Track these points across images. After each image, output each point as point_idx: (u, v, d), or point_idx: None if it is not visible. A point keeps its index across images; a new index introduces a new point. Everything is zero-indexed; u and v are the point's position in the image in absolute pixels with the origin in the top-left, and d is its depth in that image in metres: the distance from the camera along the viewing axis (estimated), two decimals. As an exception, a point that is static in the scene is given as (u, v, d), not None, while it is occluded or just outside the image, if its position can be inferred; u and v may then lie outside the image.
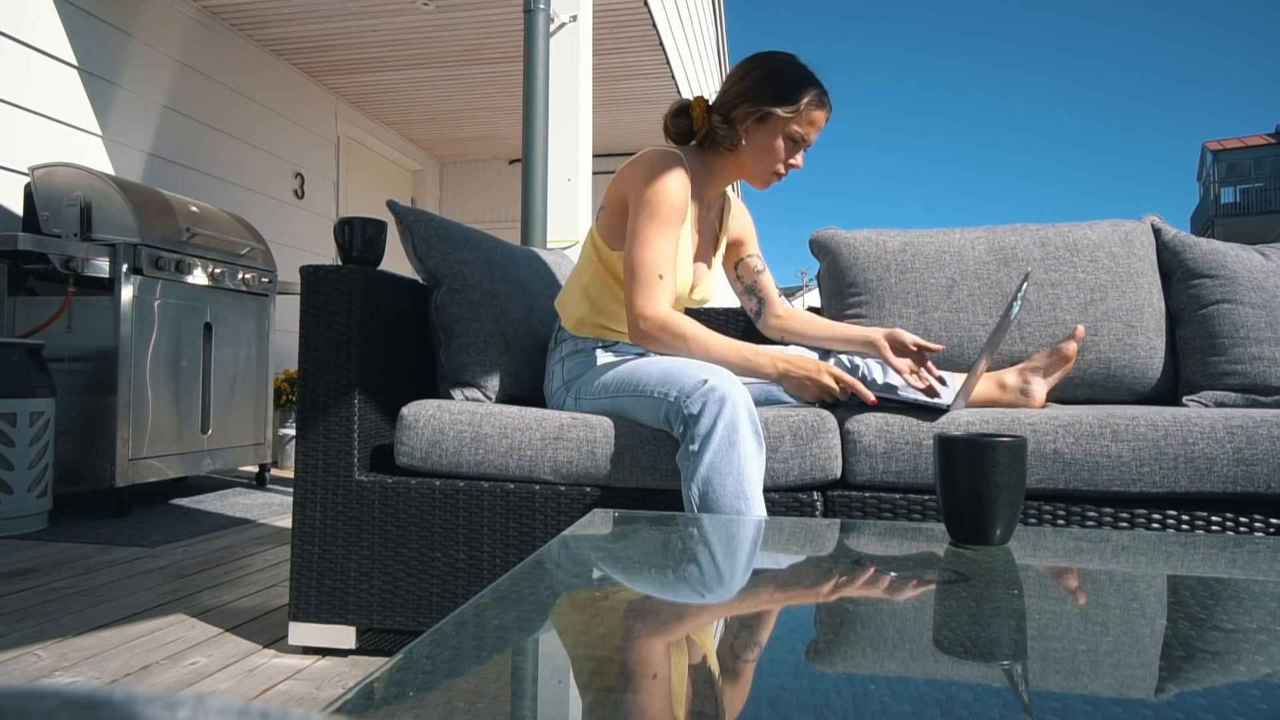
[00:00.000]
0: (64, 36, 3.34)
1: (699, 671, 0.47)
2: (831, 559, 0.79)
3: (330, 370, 1.50)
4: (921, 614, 0.58)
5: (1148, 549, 0.83)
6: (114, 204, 2.90)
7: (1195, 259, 1.86)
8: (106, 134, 3.56)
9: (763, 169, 1.53)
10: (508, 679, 0.46)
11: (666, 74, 5.16)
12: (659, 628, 0.55)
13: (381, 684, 0.42)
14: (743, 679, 0.45)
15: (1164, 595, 0.65)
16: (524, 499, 1.43)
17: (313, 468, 1.50)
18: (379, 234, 1.60)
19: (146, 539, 2.49)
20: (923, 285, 1.93)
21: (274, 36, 4.53)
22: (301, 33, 4.49)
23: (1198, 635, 0.52)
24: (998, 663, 0.47)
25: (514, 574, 0.65)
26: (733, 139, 1.53)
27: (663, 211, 1.45)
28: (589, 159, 3.34)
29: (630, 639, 0.52)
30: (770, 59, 1.52)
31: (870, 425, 1.39)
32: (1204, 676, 0.45)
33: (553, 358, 1.66)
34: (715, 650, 0.51)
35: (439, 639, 0.49)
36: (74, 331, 2.90)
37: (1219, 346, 1.77)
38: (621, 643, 0.51)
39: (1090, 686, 0.43)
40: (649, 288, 1.44)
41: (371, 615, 1.47)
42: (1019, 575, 0.70)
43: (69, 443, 2.85)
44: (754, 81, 1.50)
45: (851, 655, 0.49)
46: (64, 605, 1.81)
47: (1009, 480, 0.79)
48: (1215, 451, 1.29)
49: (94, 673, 1.41)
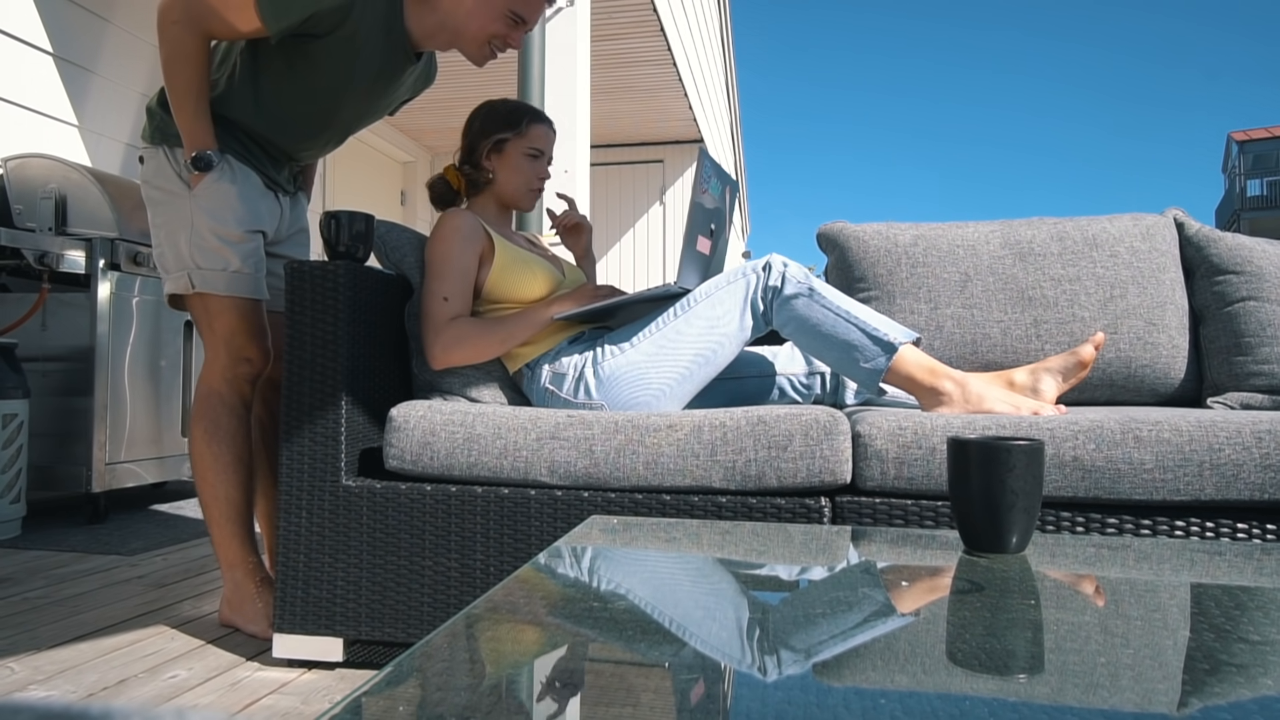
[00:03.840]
0: (38, 22, 3.33)
1: (702, 686, 0.47)
2: (841, 568, 0.79)
3: (316, 370, 1.50)
4: (934, 625, 0.58)
5: (1170, 557, 0.83)
6: (90, 196, 2.90)
7: (1220, 254, 1.86)
8: (83, 124, 3.55)
9: (518, 188, 1.83)
10: (501, 694, 0.46)
11: (668, 60, 5.16)
12: (660, 641, 0.55)
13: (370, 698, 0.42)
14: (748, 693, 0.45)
15: (1187, 605, 0.65)
16: (519, 504, 1.43)
17: (298, 472, 1.50)
18: (367, 228, 1.60)
19: (124, 547, 2.49)
20: (935, 280, 1.93)
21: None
22: (286, 18, 4.48)
23: (1223, 647, 0.52)
24: (1014, 676, 0.47)
25: (508, 584, 0.65)
26: (484, 176, 1.83)
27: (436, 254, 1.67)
28: (587, 150, 3.34)
29: (629, 653, 0.52)
30: (485, 105, 1.86)
31: (882, 428, 1.39)
32: (1229, 691, 0.45)
33: (537, 392, 1.70)
34: (719, 663, 0.51)
35: (430, 652, 0.49)
36: (48, 330, 2.90)
37: (1245, 346, 1.77)
38: (620, 656, 0.51)
39: (1110, 701, 0.43)
40: (430, 327, 1.64)
41: (359, 626, 1.47)
42: (1036, 585, 0.70)
43: (43, 446, 2.84)
44: (479, 125, 1.82)
45: (861, 668, 0.49)
46: (38, 616, 1.81)
47: (1025, 485, 0.79)
48: (1242, 457, 1.29)
49: (69, 686, 1.41)
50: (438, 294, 1.65)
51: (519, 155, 1.81)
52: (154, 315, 3.06)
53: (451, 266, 1.66)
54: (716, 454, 1.39)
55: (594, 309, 1.66)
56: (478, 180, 1.85)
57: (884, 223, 2.05)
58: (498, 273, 1.71)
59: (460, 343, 1.63)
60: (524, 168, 1.82)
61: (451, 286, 1.66)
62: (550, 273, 1.78)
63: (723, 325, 1.60)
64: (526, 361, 1.71)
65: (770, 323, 1.61)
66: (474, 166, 1.84)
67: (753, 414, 1.42)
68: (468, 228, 1.69)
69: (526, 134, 1.81)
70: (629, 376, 1.61)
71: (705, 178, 1.61)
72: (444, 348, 1.63)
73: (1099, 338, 1.58)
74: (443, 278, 1.66)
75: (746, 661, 0.51)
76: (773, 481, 1.38)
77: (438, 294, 1.65)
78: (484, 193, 1.87)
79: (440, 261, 1.67)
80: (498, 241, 1.73)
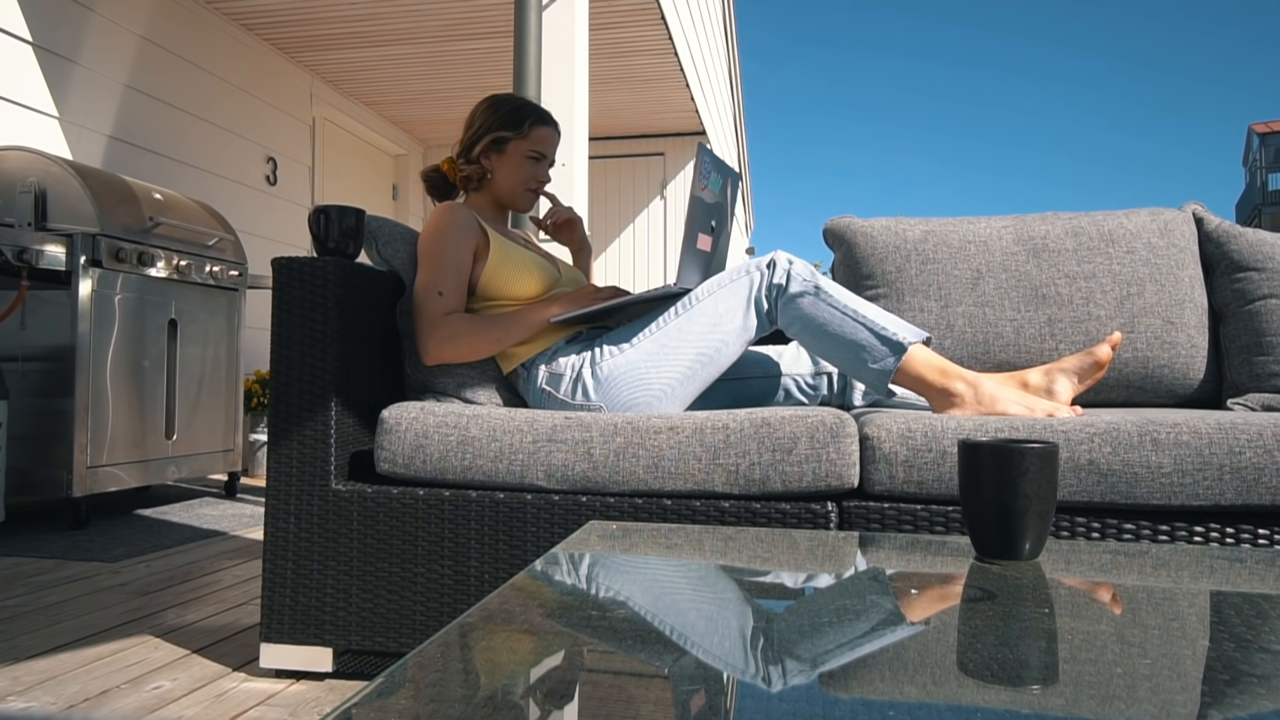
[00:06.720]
0: (17, 9, 3.33)
1: (704, 697, 0.47)
2: (848, 575, 0.79)
3: (305, 371, 1.50)
4: (944, 634, 0.58)
5: (1189, 564, 0.83)
6: (71, 191, 2.90)
7: (1240, 250, 1.86)
8: (63, 115, 3.56)
9: (515, 189, 1.85)
10: (496, 706, 0.46)
11: (668, 50, 5.16)
12: (660, 650, 0.55)
13: (360, 710, 0.42)
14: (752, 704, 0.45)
15: (1206, 614, 0.65)
16: (515, 509, 1.43)
17: (286, 476, 1.50)
18: (357, 223, 1.60)
19: (106, 553, 2.49)
20: (945, 277, 1.93)
21: (244, 9, 4.53)
22: (274, 5, 4.48)
23: (1244, 658, 0.52)
24: (1027, 687, 0.47)
25: (503, 591, 0.65)
26: (479, 174, 1.84)
27: (430, 247, 1.67)
28: (585, 143, 3.34)
29: (629, 663, 0.52)
30: (489, 99, 1.86)
31: (891, 430, 1.39)
32: (1250, 702, 0.45)
33: (533, 393, 1.70)
34: (722, 673, 0.51)
35: (422, 662, 0.49)
36: (28, 329, 2.90)
37: (1266, 345, 1.77)
38: (619, 666, 0.51)
39: (1127, 714, 0.43)
40: (424, 321, 1.64)
41: (350, 636, 1.47)
42: (1050, 592, 0.70)
43: (22, 449, 2.84)
44: (481, 121, 1.83)
45: (869, 679, 0.49)
46: (17, 625, 1.81)
47: (1039, 490, 0.79)
48: (1264, 461, 1.29)
49: (49, 697, 1.41)
50: (432, 287, 1.65)
51: (519, 156, 1.83)
52: (137, 313, 3.07)
53: (445, 260, 1.66)
54: (719, 457, 1.39)
55: (593, 311, 1.66)
56: (474, 177, 1.86)
57: (893, 218, 2.05)
58: (492, 269, 1.71)
59: (455, 340, 1.63)
60: (523, 169, 1.84)
61: (446, 281, 1.66)
62: (546, 270, 1.78)
63: (725, 324, 1.60)
64: (522, 361, 1.71)
65: (775, 322, 1.61)
66: (470, 162, 1.85)
67: (757, 416, 1.42)
68: (462, 221, 1.69)
69: (529, 135, 1.82)
70: (628, 377, 1.61)
71: (705, 173, 1.61)
72: (438, 343, 1.63)
73: (1116, 337, 1.58)
74: (436, 271, 1.66)
75: (750, 671, 0.51)
76: (777, 485, 1.38)
77: (432, 287, 1.65)
78: (480, 190, 1.88)
79: (433, 254, 1.67)
80: (493, 237, 1.73)
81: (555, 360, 1.68)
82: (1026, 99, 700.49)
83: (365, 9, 4.53)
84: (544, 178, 1.87)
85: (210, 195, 4.39)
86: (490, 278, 1.71)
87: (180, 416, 3.28)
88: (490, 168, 1.84)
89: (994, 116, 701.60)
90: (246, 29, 4.76)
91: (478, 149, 1.83)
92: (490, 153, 1.83)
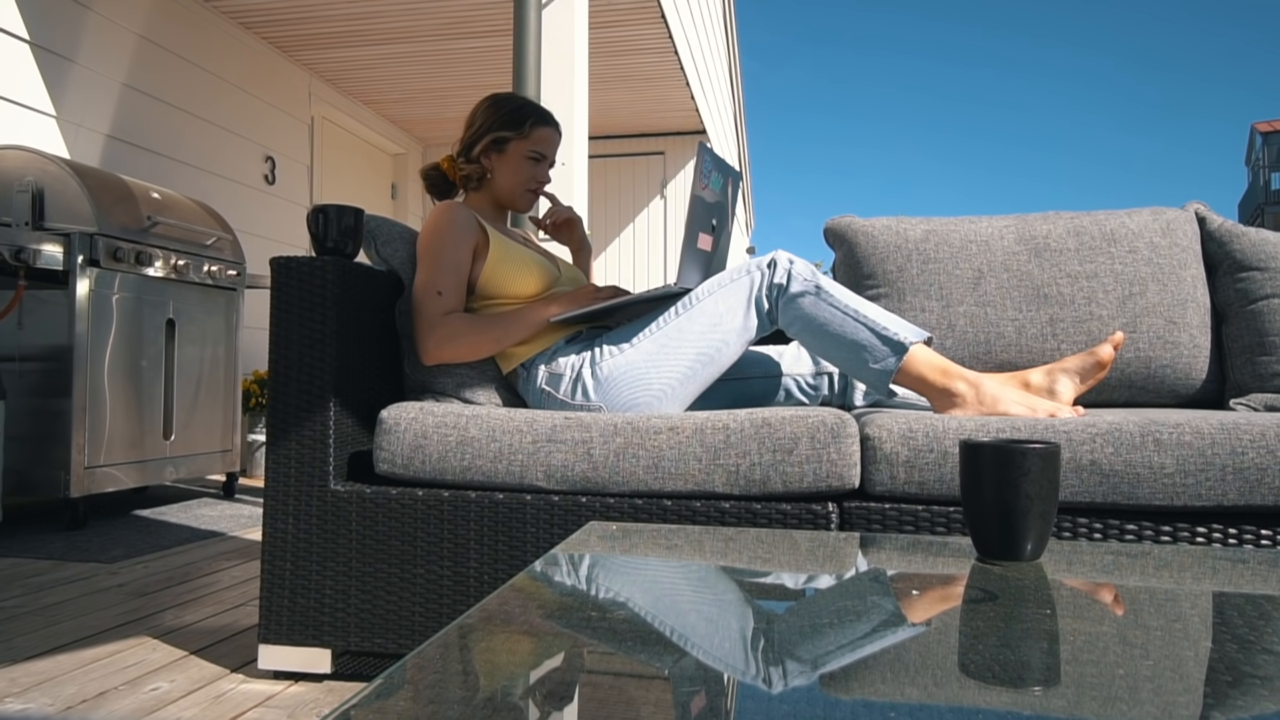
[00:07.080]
0: (14, 8, 3.33)
1: (704, 698, 0.47)
2: (849, 576, 0.79)
3: (304, 370, 1.50)
4: (946, 635, 0.58)
5: (1191, 565, 0.83)
6: (69, 190, 2.90)
7: (1243, 250, 1.86)
8: (61, 114, 3.56)
9: (515, 189, 1.85)
10: (495, 708, 0.46)
11: (669, 49, 5.16)
12: (661, 651, 0.55)
13: (359, 712, 0.42)
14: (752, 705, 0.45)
15: (1209, 615, 0.65)
16: (514, 510, 1.43)
17: (285, 476, 1.50)
18: (356, 222, 1.60)
19: (104, 554, 2.49)
20: (947, 277, 1.93)
21: (243, 8, 4.53)
22: (272, 4, 4.48)
23: (1246, 659, 0.52)
24: (1029, 689, 0.47)
25: (502, 593, 0.65)
26: (479, 173, 1.85)
27: (429, 246, 1.68)
28: (584, 141, 3.34)
29: (629, 664, 0.52)
30: (490, 98, 1.87)
31: (892, 431, 1.39)
32: (1253, 704, 0.45)
33: (533, 393, 1.71)
34: (722, 674, 0.51)
35: (421, 663, 0.49)
36: (25, 329, 2.90)
37: (1269, 345, 1.77)
38: (619, 668, 0.51)
39: (1130, 715, 0.43)
40: (423, 321, 1.65)
41: (348, 637, 1.47)
42: (1051, 594, 0.70)
43: (19, 450, 2.84)
44: (482, 120, 1.83)
45: (870, 680, 0.49)
46: (14, 626, 1.81)
47: (1041, 490, 0.79)
48: (1266, 461, 1.29)
49: (46, 699, 1.41)
50: (431, 287, 1.65)
51: (519, 157, 1.83)
52: (135, 313, 3.07)
53: (444, 259, 1.66)
54: (719, 457, 1.40)
55: (592, 310, 1.66)
56: (474, 176, 1.86)
57: (894, 217, 2.05)
58: (491, 267, 1.71)
59: (454, 339, 1.63)
60: (523, 169, 1.84)
61: (445, 280, 1.66)
62: (546, 269, 1.78)
63: (726, 324, 1.60)
64: (522, 361, 1.71)
65: (775, 322, 1.61)
66: (470, 162, 1.85)
67: (757, 416, 1.42)
68: (461, 219, 1.70)
69: (530, 136, 1.83)
70: (628, 377, 1.61)
71: (705, 172, 1.61)
72: (437, 343, 1.63)
73: (1118, 337, 1.58)
74: (435, 270, 1.66)
75: (750, 673, 0.51)
76: (778, 486, 1.38)
77: (431, 287, 1.65)
78: (480, 189, 1.88)
79: (432, 253, 1.67)
80: (492, 235, 1.73)
81: (555, 360, 1.68)
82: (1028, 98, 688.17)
83: (364, 7, 4.53)
84: (544, 178, 1.88)
85: (208, 194, 4.39)
86: (490, 276, 1.71)
87: (178, 417, 3.28)
88: (490, 167, 1.84)
89: (995, 115, 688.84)
90: (245, 27, 4.76)
91: (478, 148, 1.83)
92: (490, 152, 1.83)
